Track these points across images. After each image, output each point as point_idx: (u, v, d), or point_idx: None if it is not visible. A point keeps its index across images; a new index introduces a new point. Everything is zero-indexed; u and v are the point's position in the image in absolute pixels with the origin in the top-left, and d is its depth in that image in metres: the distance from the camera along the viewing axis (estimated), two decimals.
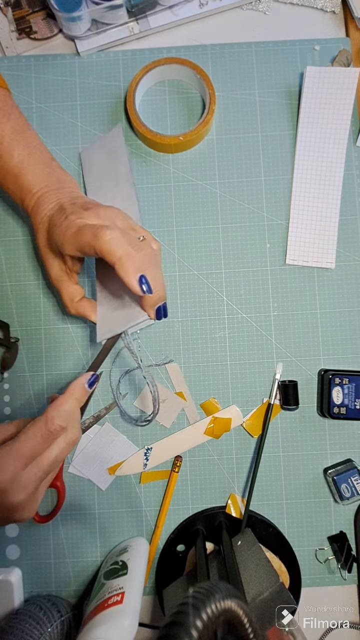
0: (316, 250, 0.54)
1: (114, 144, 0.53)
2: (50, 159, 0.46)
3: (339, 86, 0.53)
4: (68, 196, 0.43)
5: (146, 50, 0.56)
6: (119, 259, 0.36)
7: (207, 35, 0.57)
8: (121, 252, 0.36)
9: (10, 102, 0.46)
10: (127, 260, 0.36)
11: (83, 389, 0.38)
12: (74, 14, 0.51)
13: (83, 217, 0.39)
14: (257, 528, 0.51)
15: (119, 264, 0.36)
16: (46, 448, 0.35)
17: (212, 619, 0.26)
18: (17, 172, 0.44)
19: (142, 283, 0.37)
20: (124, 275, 0.37)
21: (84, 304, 0.45)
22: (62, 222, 0.39)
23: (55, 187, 0.44)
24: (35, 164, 0.44)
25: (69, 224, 0.39)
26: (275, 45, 0.56)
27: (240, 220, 0.54)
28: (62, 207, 0.41)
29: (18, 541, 0.52)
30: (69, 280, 0.45)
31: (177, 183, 0.55)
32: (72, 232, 0.38)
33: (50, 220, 0.42)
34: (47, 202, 0.43)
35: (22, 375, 0.53)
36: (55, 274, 0.45)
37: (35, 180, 0.44)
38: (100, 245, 0.36)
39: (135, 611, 0.41)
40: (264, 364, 0.53)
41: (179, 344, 0.53)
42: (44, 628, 0.45)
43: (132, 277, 0.37)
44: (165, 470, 0.52)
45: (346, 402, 0.50)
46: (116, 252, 0.36)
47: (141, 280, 0.37)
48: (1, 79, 0.47)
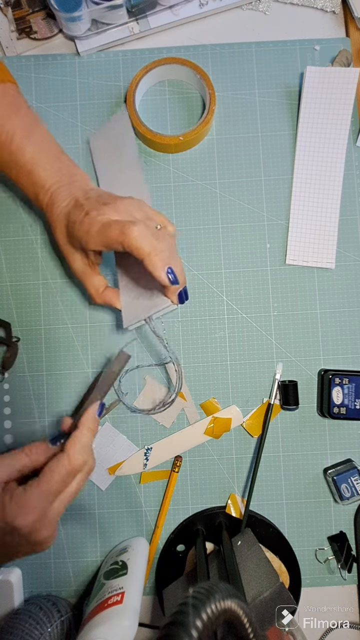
0: (316, 250, 0.54)
1: (120, 128, 0.53)
2: (60, 153, 0.46)
3: (339, 86, 0.53)
4: (80, 190, 0.44)
5: (146, 50, 0.56)
6: (147, 254, 0.38)
7: (207, 35, 0.57)
8: (149, 247, 0.38)
9: (19, 97, 0.46)
10: (155, 255, 0.38)
11: (95, 420, 0.40)
12: (74, 14, 0.51)
13: (104, 212, 0.40)
14: (257, 528, 0.51)
15: (148, 260, 0.38)
16: (69, 483, 0.36)
17: (212, 619, 0.26)
18: (29, 168, 0.44)
19: (170, 275, 0.39)
20: (153, 269, 0.39)
21: (109, 293, 0.46)
22: (83, 219, 0.40)
23: (67, 182, 0.44)
24: (46, 159, 0.44)
25: (92, 221, 0.40)
26: (275, 45, 0.56)
27: (240, 220, 0.54)
28: (78, 203, 0.42)
29: None
30: (92, 272, 0.46)
31: (177, 183, 0.55)
32: (97, 229, 0.39)
33: (68, 217, 0.42)
34: (60, 198, 0.43)
35: (22, 375, 0.53)
36: (78, 268, 0.45)
37: (47, 176, 0.44)
38: (129, 242, 0.38)
39: (135, 611, 0.41)
40: (264, 364, 0.53)
41: (179, 344, 0.53)
42: (44, 628, 0.45)
43: (162, 271, 0.39)
44: (165, 470, 0.52)
45: (346, 402, 0.50)
46: (145, 248, 0.38)
47: (169, 273, 0.39)
48: (9, 74, 0.47)
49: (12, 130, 0.43)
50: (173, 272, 0.40)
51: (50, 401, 0.53)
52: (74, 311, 0.54)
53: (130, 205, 0.41)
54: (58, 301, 0.54)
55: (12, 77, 0.47)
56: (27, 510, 0.33)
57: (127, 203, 0.41)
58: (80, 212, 0.41)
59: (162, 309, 0.44)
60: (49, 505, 0.35)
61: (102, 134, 0.54)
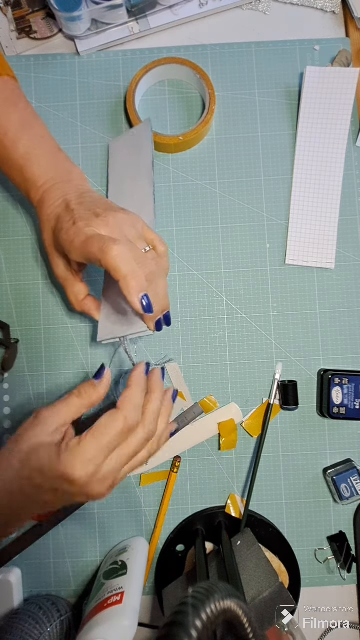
0: (316, 250, 0.54)
1: (139, 139, 0.52)
2: (57, 150, 0.45)
3: (339, 86, 0.53)
4: (75, 191, 0.42)
5: (146, 50, 0.56)
6: (124, 277, 0.37)
7: (207, 35, 0.57)
8: (126, 270, 0.36)
9: (18, 92, 0.46)
10: (132, 279, 0.37)
11: (144, 378, 0.38)
12: (74, 14, 0.51)
13: (92, 224, 0.38)
14: (257, 528, 0.51)
15: (124, 282, 0.37)
16: (123, 441, 0.36)
17: (212, 619, 0.26)
18: (22, 163, 0.43)
19: (143, 301, 0.37)
20: (127, 293, 0.37)
21: (88, 303, 0.45)
22: (69, 228, 0.39)
23: (62, 180, 0.43)
24: (41, 156, 0.43)
25: (77, 231, 0.38)
26: (275, 45, 0.56)
27: (240, 220, 0.54)
28: (69, 207, 0.41)
29: None
30: (74, 279, 0.45)
31: (177, 183, 0.55)
32: (80, 242, 0.38)
33: (58, 220, 0.41)
34: (53, 197, 0.42)
35: (21, 375, 0.53)
36: (60, 273, 0.45)
37: (41, 172, 0.43)
38: (107, 260, 0.36)
39: (135, 611, 0.41)
40: (264, 364, 0.53)
41: (179, 344, 0.53)
42: (43, 628, 0.45)
43: (135, 297, 0.37)
44: (165, 471, 0.52)
45: (346, 402, 0.50)
46: (121, 269, 0.36)
47: (142, 300, 0.37)
48: (9, 69, 0.47)
49: (7, 125, 0.43)
50: (148, 300, 0.37)
51: (50, 401, 0.53)
52: (74, 311, 0.54)
53: (123, 220, 0.40)
54: (58, 301, 0.54)
55: (11, 72, 0.47)
56: (80, 462, 0.33)
57: (119, 217, 0.39)
58: (69, 220, 0.39)
59: (137, 333, 0.42)
60: (103, 460, 0.34)
61: (123, 140, 0.54)
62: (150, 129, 0.51)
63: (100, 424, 0.35)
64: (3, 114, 0.43)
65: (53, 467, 0.33)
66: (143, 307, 0.37)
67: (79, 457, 0.33)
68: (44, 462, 0.34)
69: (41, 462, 0.34)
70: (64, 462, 0.33)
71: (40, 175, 0.43)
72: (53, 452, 0.34)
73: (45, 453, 0.34)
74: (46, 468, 0.34)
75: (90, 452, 0.33)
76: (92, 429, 0.35)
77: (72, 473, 0.33)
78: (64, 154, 0.46)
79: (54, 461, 0.33)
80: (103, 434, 0.34)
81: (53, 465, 0.33)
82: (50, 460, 0.34)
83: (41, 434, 0.35)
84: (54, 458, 0.33)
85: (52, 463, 0.33)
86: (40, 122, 0.45)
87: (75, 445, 0.34)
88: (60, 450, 0.34)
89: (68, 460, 0.33)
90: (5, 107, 0.43)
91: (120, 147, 0.54)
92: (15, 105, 0.44)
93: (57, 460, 0.33)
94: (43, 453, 0.34)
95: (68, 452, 0.33)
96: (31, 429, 0.35)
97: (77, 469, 0.33)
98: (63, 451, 0.34)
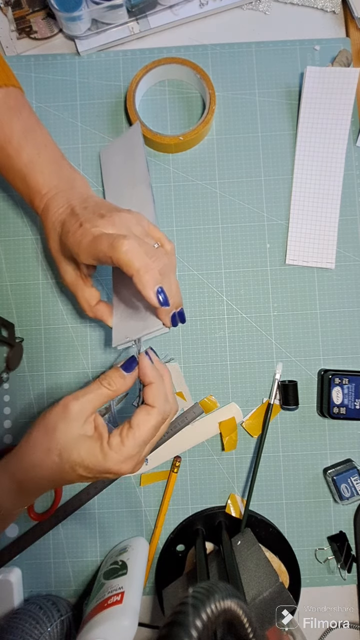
0: (316, 250, 0.54)
1: (131, 144, 0.52)
2: (60, 158, 0.45)
3: (339, 86, 0.53)
4: (78, 197, 0.42)
5: (146, 50, 0.56)
6: (137, 271, 0.36)
7: (207, 35, 0.57)
8: (139, 263, 0.36)
9: (22, 100, 0.46)
10: (145, 273, 0.36)
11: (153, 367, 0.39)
12: (74, 14, 0.51)
13: (98, 225, 0.38)
14: (257, 528, 0.51)
15: (137, 277, 0.36)
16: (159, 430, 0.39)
17: (212, 619, 0.26)
18: (25, 172, 0.43)
19: (160, 296, 0.37)
20: (142, 288, 0.36)
21: (101, 308, 0.45)
22: (76, 230, 0.39)
23: (65, 188, 0.43)
24: (44, 164, 0.43)
25: (84, 232, 0.38)
26: (275, 45, 0.56)
27: (240, 220, 0.54)
28: (74, 211, 0.40)
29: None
30: (84, 284, 0.44)
31: (177, 183, 0.55)
32: (88, 242, 0.38)
33: (63, 225, 0.41)
34: (57, 204, 0.42)
35: (22, 375, 0.53)
36: (70, 278, 0.44)
37: (44, 180, 0.43)
38: (118, 256, 0.36)
39: (135, 611, 0.41)
40: (264, 364, 0.53)
41: (179, 343, 0.53)
42: (43, 628, 0.45)
43: (150, 290, 0.36)
44: (165, 471, 0.52)
45: (346, 402, 0.50)
46: (134, 263, 0.36)
47: (158, 293, 0.37)
48: (14, 78, 0.46)
49: (10, 133, 0.43)
50: (164, 292, 0.37)
51: (50, 401, 0.53)
52: (74, 311, 0.54)
53: (128, 219, 0.39)
54: (58, 301, 0.54)
55: (17, 82, 0.47)
56: (126, 459, 0.36)
57: (124, 216, 0.39)
58: (75, 222, 0.39)
59: (152, 332, 0.42)
60: (143, 451, 0.38)
61: (114, 147, 0.54)
62: (140, 133, 0.51)
63: (139, 424, 0.37)
64: (6, 122, 0.43)
65: (99, 464, 0.36)
66: (159, 300, 0.37)
67: (124, 455, 0.36)
68: (88, 458, 0.36)
69: (83, 457, 0.36)
70: (110, 460, 0.36)
71: (43, 183, 0.43)
72: (97, 449, 0.36)
73: (88, 450, 0.36)
74: (89, 462, 0.36)
75: (133, 450, 0.37)
76: (132, 430, 0.37)
77: (120, 469, 0.36)
78: (67, 162, 0.45)
79: (100, 459, 0.36)
80: (142, 432, 0.37)
81: (99, 462, 0.36)
82: (95, 458, 0.36)
83: (75, 428, 0.37)
84: (99, 456, 0.36)
85: (98, 460, 0.36)
86: (43, 130, 0.45)
87: (119, 446, 0.36)
88: (103, 448, 0.36)
89: (115, 459, 0.36)
90: (9, 115, 0.43)
91: (112, 155, 0.53)
92: (19, 114, 0.44)
93: (103, 458, 0.36)
94: (84, 450, 0.36)
95: (112, 450, 0.36)
96: (62, 422, 0.37)
97: (124, 466, 0.37)
98: (107, 450, 0.36)
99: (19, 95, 0.46)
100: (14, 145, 0.43)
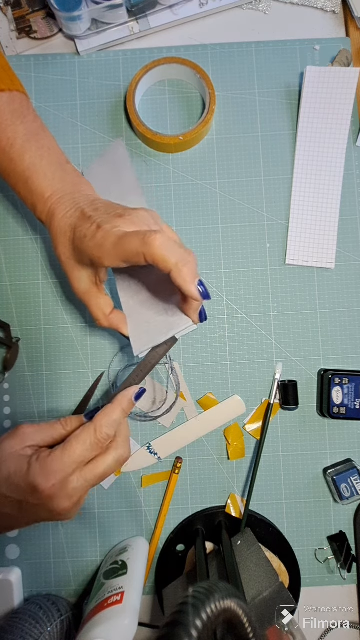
0: (316, 250, 0.54)
1: (115, 159, 0.52)
2: (64, 162, 0.44)
3: (339, 86, 0.53)
4: (85, 200, 0.40)
5: (146, 50, 0.56)
6: (175, 265, 0.34)
7: (207, 35, 0.57)
8: (176, 257, 0.34)
9: (27, 104, 0.45)
10: (184, 266, 0.34)
11: (130, 402, 0.38)
12: (74, 14, 0.51)
13: (118, 225, 0.36)
14: (257, 528, 0.51)
15: (176, 271, 0.34)
16: (93, 456, 0.35)
17: (212, 619, 0.26)
18: (28, 175, 0.41)
19: (200, 288, 0.35)
20: (183, 282, 0.34)
21: (117, 316, 0.43)
22: (94, 234, 0.36)
23: (70, 191, 0.41)
24: (47, 167, 0.42)
25: (105, 234, 0.36)
26: (275, 45, 0.56)
27: (240, 220, 0.54)
28: (85, 214, 0.38)
29: (18, 541, 0.52)
30: (98, 292, 0.42)
31: (177, 183, 0.55)
32: (112, 243, 0.35)
33: (75, 230, 0.38)
34: (63, 208, 0.40)
35: (22, 375, 0.53)
36: (84, 287, 0.41)
37: (47, 184, 0.41)
38: (153, 251, 0.33)
39: (135, 611, 0.41)
40: (264, 363, 0.53)
41: (179, 343, 0.53)
42: (43, 627, 0.45)
43: (191, 284, 0.34)
44: (165, 472, 0.52)
45: (346, 402, 0.50)
46: (171, 258, 0.34)
47: (199, 286, 0.35)
48: (19, 83, 0.46)
49: (13, 137, 0.42)
50: (204, 285, 0.35)
51: (50, 401, 0.53)
52: (74, 311, 0.54)
53: (146, 217, 0.37)
54: (58, 301, 0.54)
55: (22, 87, 0.46)
56: (48, 473, 0.33)
57: (141, 215, 0.37)
58: (91, 225, 0.37)
59: (181, 330, 0.40)
60: (70, 473, 0.34)
61: (98, 166, 0.53)
62: (123, 147, 0.51)
63: (72, 437, 0.35)
64: (10, 126, 0.42)
65: (21, 476, 0.33)
66: (200, 293, 0.35)
67: (48, 467, 0.33)
68: (12, 470, 0.34)
69: (10, 470, 0.34)
70: (32, 472, 0.33)
71: (46, 186, 0.41)
72: (24, 462, 0.34)
73: (15, 463, 0.34)
74: (13, 477, 0.34)
75: (59, 464, 0.33)
76: (65, 442, 0.35)
77: (38, 482, 0.33)
78: (72, 166, 0.44)
79: (23, 471, 0.33)
80: (74, 447, 0.34)
81: (21, 474, 0.33)
82: (19, 470, 0.34)
83: (16, 446, 0.35)
84: (24, 468, 0.34)
85: (21, 472, 0.33)
86: (48, 134, 0.44)
87: (46, 457, 0.34)
88: (30, 461, 0.34)
89: (36, 469, 0.33)
90: (12, 119, 0.42)
91: (97, 173, 0.52)
92: (23, 118, 0.43)
93: (26, 470, 0.33)
94: (13, 462, 0.34)
95: (38, 462, 0.33)
96: (7, 441, 0.36)
97: (44, 479, 0.33)
98: (33, 462, 0.34)
99: (24, 100, 0.45)
100: (16, 148, 0.42)
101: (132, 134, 0.55)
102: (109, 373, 0.53)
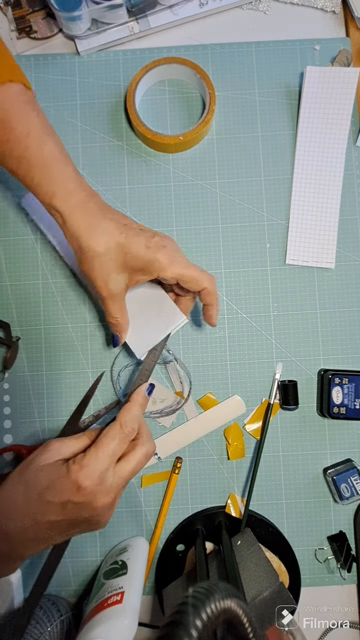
0: (316, 250, 0.54)
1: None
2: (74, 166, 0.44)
3: (339, 86, 0.53)
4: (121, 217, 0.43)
5: (146, 49, 0.56)
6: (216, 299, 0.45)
7: (207, 35, 0.57)
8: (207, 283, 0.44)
9: (35, 100, 0.43)
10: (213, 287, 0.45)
11: (144, 397, 0.42)
12: (74, 14, 0.51)
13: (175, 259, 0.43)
14: (257, 528, 0.51)
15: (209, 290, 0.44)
16: (123, 450, 0.38)
17: (212, 619, 0.26)
18: (49, 163, 0.40)
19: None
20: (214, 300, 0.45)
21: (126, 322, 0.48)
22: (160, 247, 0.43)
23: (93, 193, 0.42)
24: (68, 161, 0.41)
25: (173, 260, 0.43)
26: (275, 45, 0.56)
27: (240, 220, 0.54)
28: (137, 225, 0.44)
29: None
30: (125, 296, 0.46)
31: (177, 183, 0.55)
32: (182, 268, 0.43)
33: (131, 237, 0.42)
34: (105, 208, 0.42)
35: (22, 375, 0.53)
36: (119, 289, 0.44)
37: (71, 176, 0.41)
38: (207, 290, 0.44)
39: (135, 611, 0.41)
40: (264, 363, 0.53)
41: (179, 343, 0.53)
42: (43, 627, 0.45)
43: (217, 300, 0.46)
44: (165, 472, 0.52)
45: (346, 402, 0.50)
46: (215, 293, 0.45)
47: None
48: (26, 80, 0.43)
49: (28, 126, 0.40)
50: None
51: (50, 401, 0.53)
52: (74, 311, 0.54)
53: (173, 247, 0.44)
54: (58, 301, 0.54)
55: (29, 83, 0.44)
56: (87, 471, 0.35)
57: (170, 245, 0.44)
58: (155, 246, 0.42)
59: (177, 325, 0.47)
60: (106, 468, 0.36)
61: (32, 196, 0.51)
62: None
63: (101, 436, 0.37)
64: (24, 116, 0.40)
65: (62, 479, 0.35)
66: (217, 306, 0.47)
67: (86, 466, 0.35)
68: (54, 477, 0.35)
69: (51, 477, 0.35)
70: (73, 472, 0.35)
71: (70, 178, 0.41)
72: (62, 467, 0.35)
73: (54, 471, 0.36)
74: (56, 482, 0.35)
75: (95, 461, 0.35)
76: (96, 442, 0.37)
77: (81, 480, 0.34)
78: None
79: (63, 474, 0.35)
80: (105, 444, 0.36)
81: (63, 477, 0.35)
82: (60, 475, 0.35)
83: (50, 459, 0.37)
84: (63, 472, 0.35)
85: (62, 476, 0.35)
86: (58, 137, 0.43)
87: (82, 458, 0.36)
88: (68, 465, 0.35)
89: (75, 470, 0.35)
90: (27, 110, 0.41)
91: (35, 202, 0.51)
92: (37, 110, 0.42)
93: (66, 472, 0.35)
94: (51, 471, 0.36)
95: (75, 464, 0.35)
96: (41, 456, 0.37)
97: (85, 476, 0.35)
98: (71, 465, 0.35)
99: (32, 96, 0.43)
100: (33, 137, 0.40)
101: (132, 134, 0.55)
102: (111, 374, 0.53)
